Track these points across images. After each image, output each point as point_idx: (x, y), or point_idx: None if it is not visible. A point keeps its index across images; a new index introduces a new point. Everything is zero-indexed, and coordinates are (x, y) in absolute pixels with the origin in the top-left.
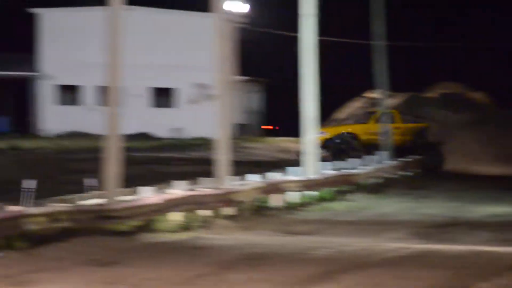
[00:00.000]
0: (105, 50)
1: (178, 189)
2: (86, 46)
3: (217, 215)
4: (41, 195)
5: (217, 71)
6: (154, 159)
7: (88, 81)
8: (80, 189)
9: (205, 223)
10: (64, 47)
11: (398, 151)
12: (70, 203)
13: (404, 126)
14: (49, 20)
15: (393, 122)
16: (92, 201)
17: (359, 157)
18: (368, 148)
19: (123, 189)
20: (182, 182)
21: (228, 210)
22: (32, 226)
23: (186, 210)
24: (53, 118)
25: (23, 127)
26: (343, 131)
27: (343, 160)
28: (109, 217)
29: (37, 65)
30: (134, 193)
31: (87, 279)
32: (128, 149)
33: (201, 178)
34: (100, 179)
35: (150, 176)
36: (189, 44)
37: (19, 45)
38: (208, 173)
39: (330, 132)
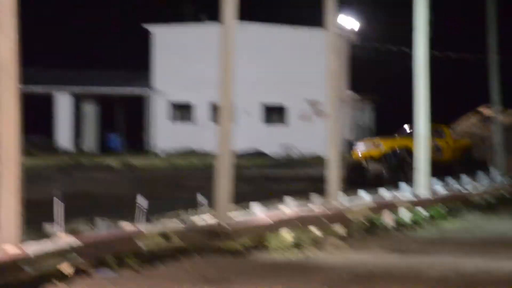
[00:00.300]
0: (217, 66)
1: (289, 207)
2: (199, 63)
3: (328, 234)
4: (154, 212)
5: (328, 88)
6: (265, 176)
7: (201, 98)
8: (192, 206)
9: (316, 242)
10: (177, 63)
11: (447, 168)
12: (183, 221)
13: (453, 142)
14: (162, 37)
15: (443, 137)
16: (204, 219)
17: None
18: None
19: (234, 207)
20: (293, 200)
21: (339, 229)
22: (145, 244)
23: (297, 229)
24: (165, 135)
25: (136, 144)
26: (397, 146)
27: (399, 176)
28: (220, 236)
29: (151, 82)
30: (245, 211)
31: None
32: (239, 166)
33: (312, 196)
34: (212, 196)
35: (261, 194)
36: (301, 60)
37: (134, 62)
38: (319, 191)
39: (387, 144)
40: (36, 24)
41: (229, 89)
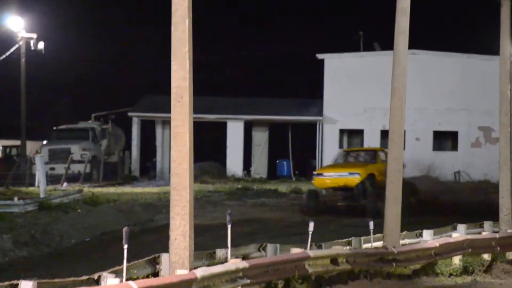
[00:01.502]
0: (388, 93)
1: (459, 233)
2: (369, 90)
3: (498, 259)
4: (322, 237)
5: (501, 114)
6: (434, 201)
7: (371, 125)
8: (359, 231)
9: (485, 267)
10: (346, 91)
11: None
12: (350, 245)
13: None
14: (332, 65)
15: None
16: (371, 244)
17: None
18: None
19: (403, 232)
20: (463, 225)
21: (510, 255)
22: (313, 268)
23: (466, 254)
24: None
25: (306, 170)
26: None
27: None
28: (389, 260)
29: (321, 109)
30: (414, 236)
31: None
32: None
33: (483, 222)
34: (381, 221)
35: (431, 219)
36: (469, 86)
37: (305, 90)
38: (490, 216)
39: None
40: (209, 53)
41: (400, 116)
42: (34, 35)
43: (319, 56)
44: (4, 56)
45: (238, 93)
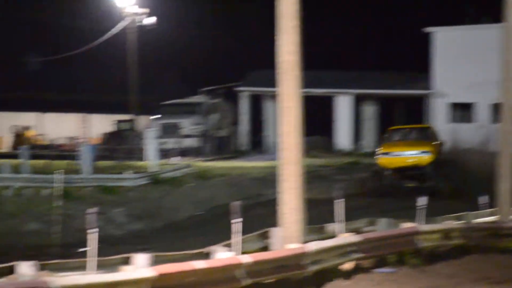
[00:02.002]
0: (499, 66)
1: None
2: (479, 64)
3: None
4: (433, 212)
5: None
6: None
7: (481, 99)
8: (472, 206)
9: None
10: (456, 65)
11: None
12: (462, 220)
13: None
14: (442, 39)
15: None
16: (484, 218)
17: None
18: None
19: None
20: None
21: None
22: (424, 243)
23: None
24: (444, 136)
25: None
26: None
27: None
28: (503, 235)
29: (431, 83)
30: None
31: None
32: None
33: None
34: (493, 196)
35: None
36: None
37: (413, 64)
38: None
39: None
40: (317, 27)
41: (511, 88)
42: (146, 10)
43: (428, 29)
44: (116, 31)
45: (346, 67)
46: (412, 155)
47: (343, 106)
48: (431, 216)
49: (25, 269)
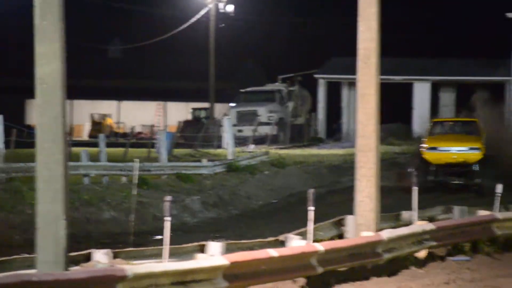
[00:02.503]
0: None
1: None
2: None
3: None
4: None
5: None
6: None
7: None
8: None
9: None
10: None
11: None
12: None
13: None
14: None
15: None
16: None
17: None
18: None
19: None
20: None
21: None
22: (500, 231)
23: None
24: None
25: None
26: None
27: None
28: None
29: (511, 69)
30: None
31: None
32: None
33: None
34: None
35: None
36: None
37: (493, 50)
38: None
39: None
40: (396, 13)
41: None
42: None
43: (509, 15)
44: (195, 19)
45: (425, 54)
46: (461, 151)
47: (421, 93)
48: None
49: (100, 256)
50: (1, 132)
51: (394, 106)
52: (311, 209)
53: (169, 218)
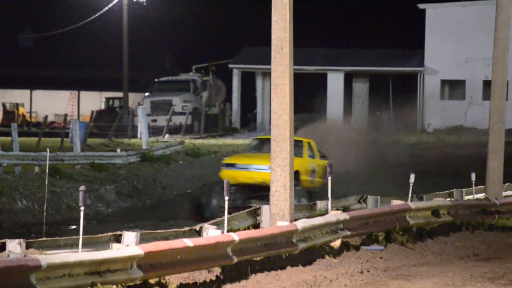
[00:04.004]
0: (491, 43)
1: None
2: (471, 40)
3: None
4: (423, 189)
5: None
6: None
7: (473, 75)
8: (463, 183)
9: None
10: (449, 41)
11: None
12: (452, 197)
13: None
14: (435, 16)
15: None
16: (473, 196)
17: None
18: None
19: (505, 184)
20: None
21: None
22: (413, 220)
23: None
24: (435, 113)
25: (405, 121)
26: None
27: None
28: (491, 212)
29: (422, 60)
30: None
31: (468, 273)
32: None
33: None
34: (483, 174)
35: None
36: None
37: (405, 40)
38: None
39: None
40: (308, 3)
41: (503, 65)
42: None
43: (421, 6)
44: (107, 8)
45: (338, 44)
46: (260, 170)
47: (335, 83)
48: None
49: (13, 246)
50: None
51: (309, 96)
52: (226, 199)
53: (83, 208)
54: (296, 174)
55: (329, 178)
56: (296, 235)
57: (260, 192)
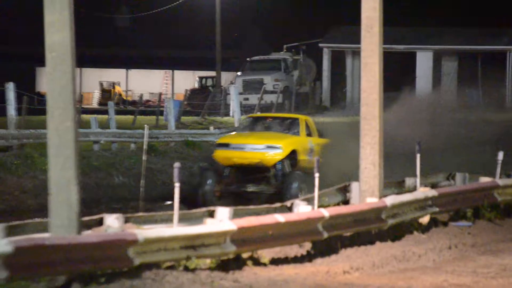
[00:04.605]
0: None
1: None
2: None
3: None
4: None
5: None
6: None
7: None
8: None
9: None
10: None
11: None
12: None
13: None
14: None
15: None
16: None
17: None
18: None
19: None
20: None
21: None
22: (500, 197)
23: None
24: None
25: (495, 99)
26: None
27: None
28: None
29: None
30: None
31: None
32: None
33: None
34: None
35: None
36: None
37: (497, 19)
38: None
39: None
40: None
41: None
42: None
43: None
44: None
45: (427, 24)
46: (255, 150)
47: (424, 62)
48: None
49: (112, 221)
50: (13, 99)
51: (397, 75)
52: (316, 175)
53: (178, 184)
54: (293, 153)
55: (418, 155)
56: (385, 211)
57: (255, 174)
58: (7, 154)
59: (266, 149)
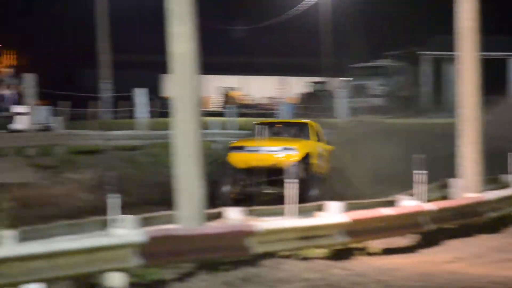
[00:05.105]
0: None
1: None
2: None
3: None
4: None
5: None
6: None
7: None
8: None
9: None
10: None
11: None
12: None
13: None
14: None
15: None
16: None
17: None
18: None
19: None
20: None
21: None
22: None
23: None
24: None
25: None
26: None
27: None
28: None
29: None
30: None
31: None
32: None
33: None
34: None
35: None
36: None
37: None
38: None
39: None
40: None
41: None
42: None
43: None
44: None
45: None
46: (271, 152)
47: None
48: None
49: (234, 214)
50: (146, 103)
51: (491, 80)
52: (420, 172)
53: (295, 181)
54: (307, 157)
55: (510, 154)
56: (484, 205)
57: (270, 176)
58: (137, 153)
59: (282, 151)
